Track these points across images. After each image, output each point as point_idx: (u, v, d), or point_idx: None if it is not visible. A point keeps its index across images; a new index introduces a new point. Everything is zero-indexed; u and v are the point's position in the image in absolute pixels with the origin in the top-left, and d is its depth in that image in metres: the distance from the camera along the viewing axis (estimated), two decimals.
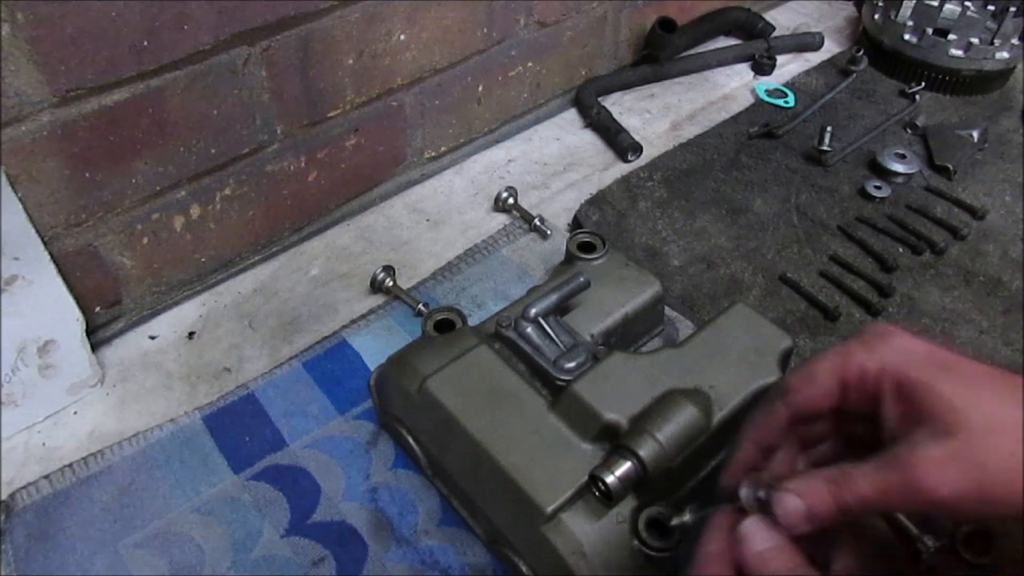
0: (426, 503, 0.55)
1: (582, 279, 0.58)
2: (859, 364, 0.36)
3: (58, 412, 0.61)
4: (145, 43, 0.56)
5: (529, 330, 0.54)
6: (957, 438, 0.33)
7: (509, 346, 0.55)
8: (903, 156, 0.82)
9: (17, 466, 0.58)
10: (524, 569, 0.48)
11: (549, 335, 0.54)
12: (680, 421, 0.47)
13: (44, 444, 0.59)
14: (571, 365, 0.52)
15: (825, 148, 0.83)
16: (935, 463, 0.33)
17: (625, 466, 0.45)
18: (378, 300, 0.70)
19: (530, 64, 0.86)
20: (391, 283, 0.70)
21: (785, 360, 0.54)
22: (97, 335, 0.66)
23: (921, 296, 0.70)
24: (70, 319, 0.60)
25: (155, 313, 0.69)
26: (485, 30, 0.79)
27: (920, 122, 0.89)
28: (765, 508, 0.36)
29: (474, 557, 0.52)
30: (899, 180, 0.82)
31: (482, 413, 0.50)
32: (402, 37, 0.72)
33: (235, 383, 0.63)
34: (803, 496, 0.35)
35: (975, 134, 0.86)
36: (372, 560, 0.52)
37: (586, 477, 0.46)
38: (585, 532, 0.45)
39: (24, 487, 0.55)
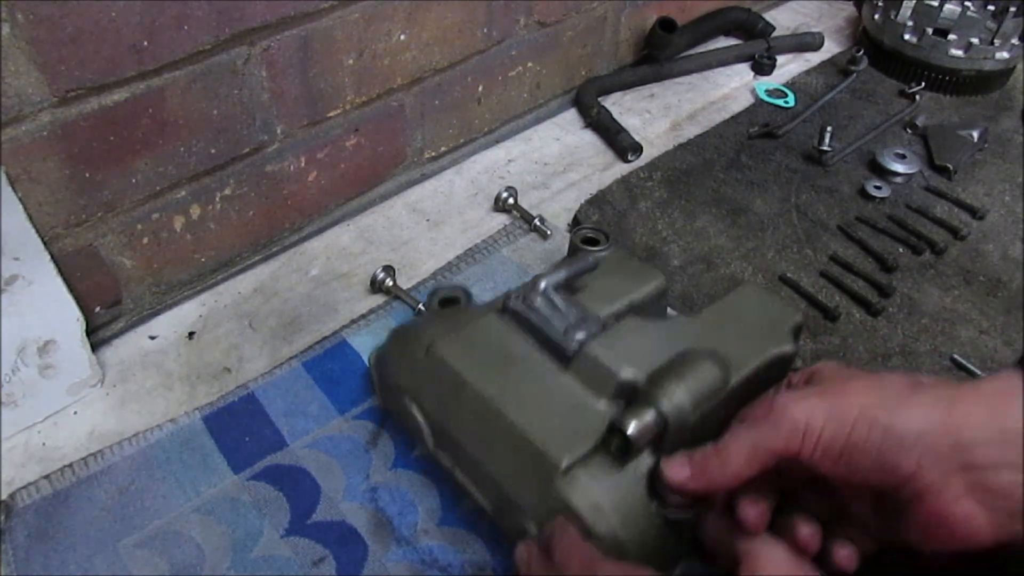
0: (426, 503, 0.55)
1: (591, 260, 0.57)
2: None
3: (58, 412, 0.61)
4: (145, 43, 0.56)
5: (538, 303, 0.54)
6: (821, 387, 0.43)
7: (517, 320, 0.54)
8: (903, 156, 0.82)
9: (17, 466, 0.58)
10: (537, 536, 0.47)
11: (558, 308, 0.54)
12: (700, 376, 0.46)
13: (44, 444, 0.59)
14: (581, 335, 0.51)
15: (825, 148, 0.83)
16: (796, 397, 0.42)
17: (647, 416, 0.44)
18: (378, 300, 0.70)
19: (530, 64, 0.86)
20: (391, 283, 0.70)
21: (796, 334, 0.54)
22: (97, 335, 0.66)
23: (921, 296, 0.70)
24: (70, 319, 0.60)
25: (155, 313, 0.69)
26: (485, 30, 0.79)
27: (920, 122, 0.89)
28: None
29: (474, 556, 0.52)
30: (899, 180, 0.82)
31: (492, 374, 0.50)
32: (402, 37, 0.72)
33: (235, 383, 0.63)
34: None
35: (975, 134, 0.86)
36: (372, 560, 0.52)
37: (602, 435, 0.45)
38: (603, 488, 0.44)
39: (24, 487, 0.55)
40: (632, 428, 0.43)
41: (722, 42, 1.04)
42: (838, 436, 0.41)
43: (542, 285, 0.54)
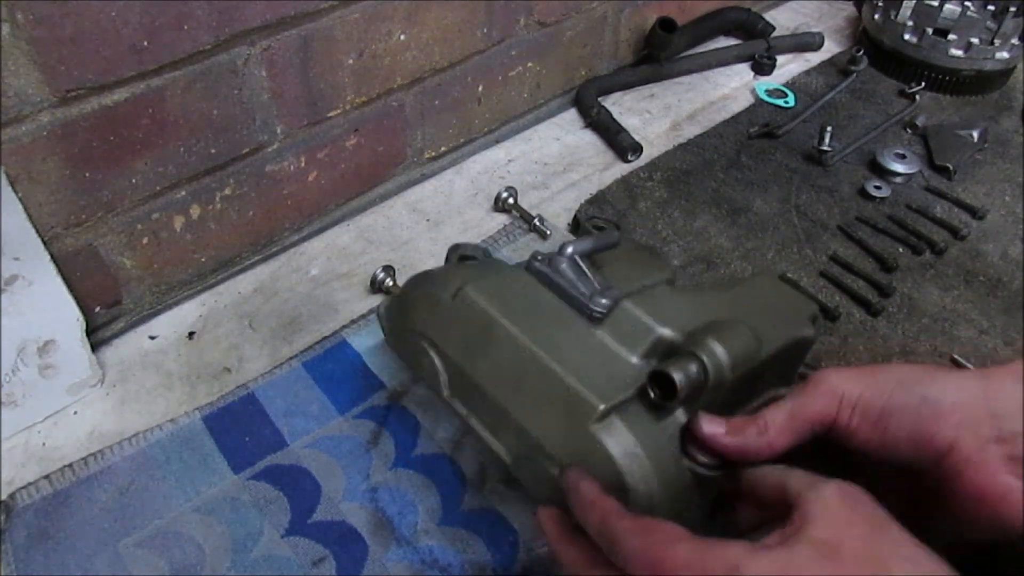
0: (426, 503, 0.55)
1: (615, 234, 0.57)
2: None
3: (58, 412, 0.61)
4: (145, 43, 0.56)
5: (564, 267, 0.54)
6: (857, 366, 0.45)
7: (541, 279, 0.53)
8: (903, 156, 0.82)
9: (17, 466, 0.58)
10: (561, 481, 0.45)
11: (585, 273, 0.53)
12: (738, 339, 0.45)
13: (44, 444, 0.59)
14: (607, 300, 0.50)
15: (825, 148, 0.83)
16: (834, 369, 0.43)
17: (691, 367, 0.43)
18: (378, 300, 0.70)
19: (530, 64, 0.86)
20: (391, 283, 0.70)
21: (814, 322, 0.54)
22: (97, 335, 0.66)
23: (921, 296, 0.70)
24: (70, 319, 0.60)
25: (155, 313, 0.69)
26: (485, 30, 0.79)
27: (920, 122, 0.89)
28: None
29: (474, 556, 0.52)
30: (899, 180, 0.82)
31: (525, 320, 0.49)
32: (402, 37, 0.72)
33: (235, 383, 0.63)
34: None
35: (975, 134, 0.86)
36: (372, 560, 0.52)
37: (640, 385, 0.45)
38: (639, 437, 0.44)
39: (24, 487, 0.55)
40: (678, 376, 0.43)
41: (722, 42, 1.04)
42: (876, 402, 0.41)
43: (569, 250, 0.54)
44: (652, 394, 0.44)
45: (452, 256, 0.58)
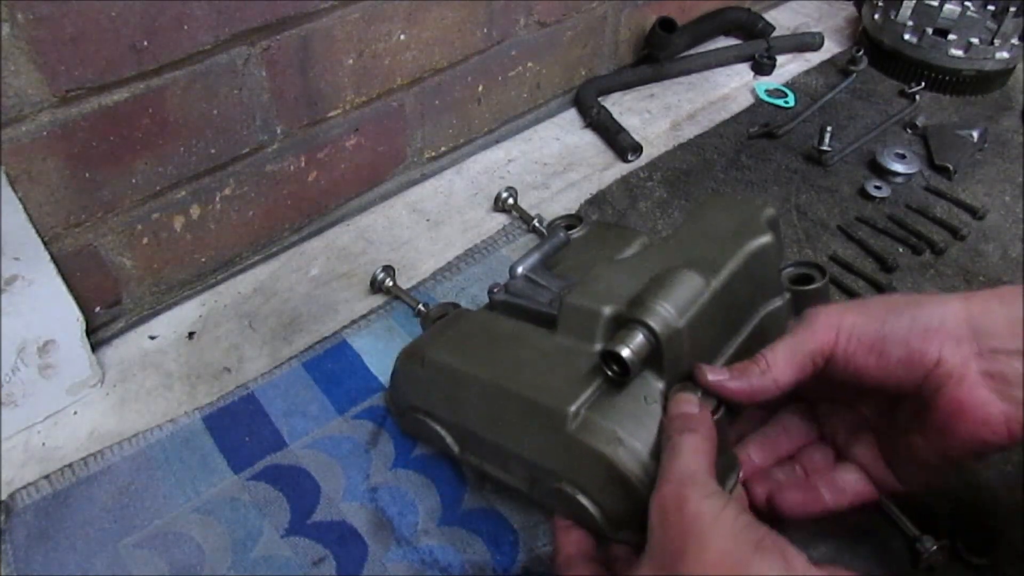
0: (426, 503, 0.55)
1: (562, 235, 0.58)
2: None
3: (58, 412, 0.61)
4: (145, 43, 0.56)
5: (520, 287, 0.54)
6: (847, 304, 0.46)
7: (504, 309, 0.54)
8: (903, 156, 0.82)
9: (17, 466, 0.58)
10: (578, 496, 0.45)
11: (540, 284, 0.54)
12: (677, 284, 0.45)
13: (44, 444, 0.59)
14: (554, 301, 0.51)
15: (825, 148, 0.83)
16: (829, 305, 0.46)
17: (635, 334, 0.43)
18: (378, 300, 0.70)
19: (530, 64, 0.86)
20: (391, 283, 0.70)
21: (772, 225, 0.52)
22: (97, 335, 0.66)
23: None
24: (70, 319, 0.60)
25: (155, 313, 0.69)
26: (485, 30, 0.79)
27: (920, 122, 0.89)
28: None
29: (474, 556, 0.52)
30: (899, 180, 0.82)
31: (487, 358, 0.50)
32: (402, 37, 0.72)
33: (235, 383, 0.63)
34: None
35: (975, 134, 0.86)
36: (372, 560, 0.52)
37: (602, 376, 0.45)
38: (617, 420, 0.44)
39: (24, 487, 0.55)
40: (623, 349, 0.43)
41: (722, 42, 1.04)
42: (871, 328, 0.43)
43: (518, 270, 0.54)
44: (610, 373, 0.44)
45: (426, 324, 0.59)
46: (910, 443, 0.45)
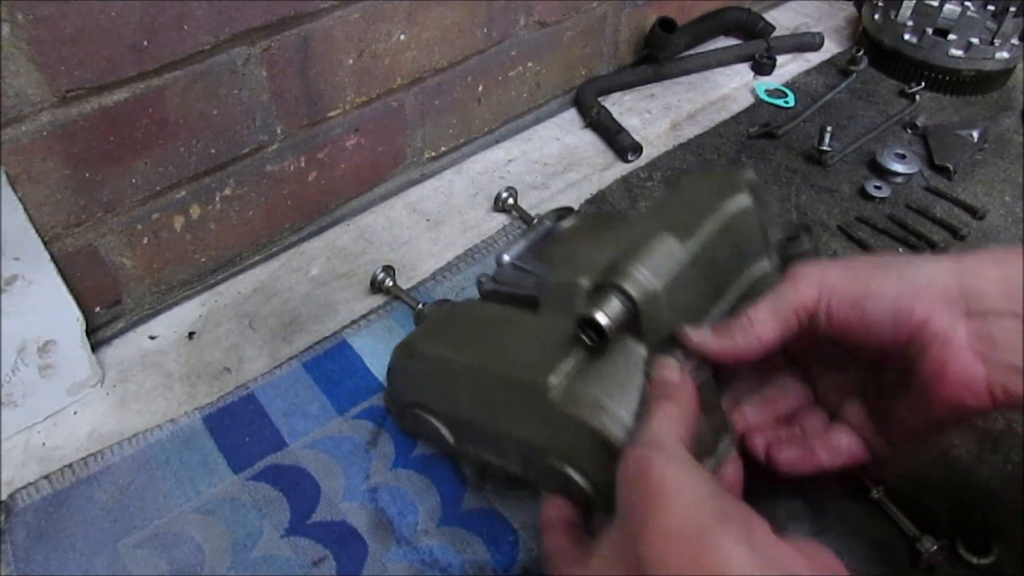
0: (426, 503, 0.55)
1: (548, 223, 0.57)
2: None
3: (58, 412, 0.61)
4: (145, 43, 0.56)
5: (507, 275, 0.54)
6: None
7: (493, 298, 0.54)
8: (903, 156, 0.82)
9: (17, 466, 0.58)
10: (567, 469, 0.45)
11: (526, 271, 0.54)
12: (652, 246, 0.44)
13: (44, 444, 0.59)
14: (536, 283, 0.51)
15: (825, 148, 0.83)
16: (813, 263, 0.45)
17: (610, 298, 0.43)
18: (378, 300, 0.70)
19: (530, 64, 0.86)
20: (391, 283, 0.70)
21: (753, 188, 0.51)
22: (97, 335, 0.66)
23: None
24: (70, 319, 0.60)
25: (155, 313, 0.69)
26: (485, 30, 0.79)
27: (920, 122, 0.89)
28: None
29: (474, 556, 0.52)
30: (899, 180, 0.82)
31: (472, 344, 0.50)
32: (402, 37, 0.72)
33: (235, 383, 0.63)
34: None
35: (975, 134, 0.86)
36: (372, 560, 0.52)
37: (582, 345, 0.44)
38: (599, 387, 0.43)
39: (24, 487, 0.55)
40: (598, 314, 0.42)
41: (722, 42, 1.04)
42: (855, 285, 0.42)
43: (505, 258, 0.54)
44: (588, 341, 0.44)
45: (419, 322, 0.60)
46: (894, 406, 0.44)
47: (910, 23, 0.95)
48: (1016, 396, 0.40)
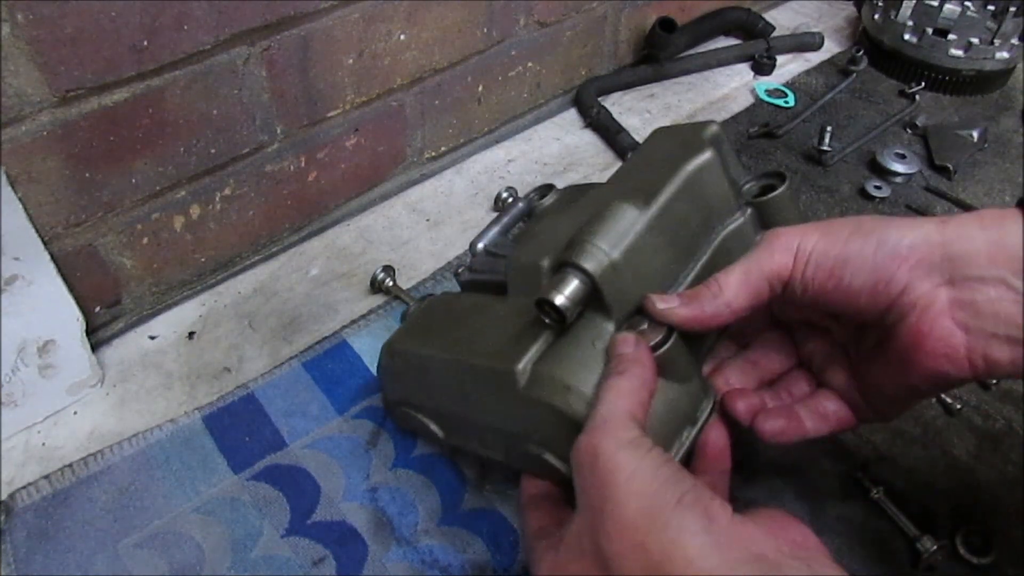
0: (426, 503, 0.55)
1: (521, 205, 0.57)
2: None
3: (58, 412, 0.61)
4: (145, 43, 0.56)
5: (481, 261, 0.54)
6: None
7: (471, 287, 0.54)
8: (903, 156, 0.82)
9: (17, 466, 0.58)
10: (544, 455, 0.44)
11: (500, 256, 0.53)
12: (608, 217, 0.43)
13: (44, 444, 0.59)
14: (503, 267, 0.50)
15: (825, 148, 0.83)
16: (790, 227, 0.43)
17: (566, 278, 0.41)
18: (378, 300, 0.70)
19: (530, 64, 0.86)
20: (391, 283, 0.70)
21: (716, 142, 0.48)
22: (97, 335, 0.66)
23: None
24: (70, 319, 0.60)
25: (155, 313, 0.69)
26: (485, 30, 0.79)
27: (920, 122, 0.89)
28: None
29: (474, 556, 0.52)
30: (899, 180, 0.82)
31: (447, 336, 0.50)
32: (402, 37, 0.72)
33: (235, 383, 0.63)
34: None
35: (975, 134, 0.86)
36: (372, 560, 0.52)
37: (546, 327, 0.43)
38: (566, 368, 0.42)
39: (24, 487, 0.55)
40: (552, 293, 0.41)
41: (722, 42, 1.04)
42: (832, 249, 0.41)
43: (479, 246, 0.54)
44: (549, 322, 0.43)
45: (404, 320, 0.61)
46: (874, 372, 0.43)
47: (910, 23, 0.95)
48: (997, 365, 0.38)
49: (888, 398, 0.44)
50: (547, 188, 0.62)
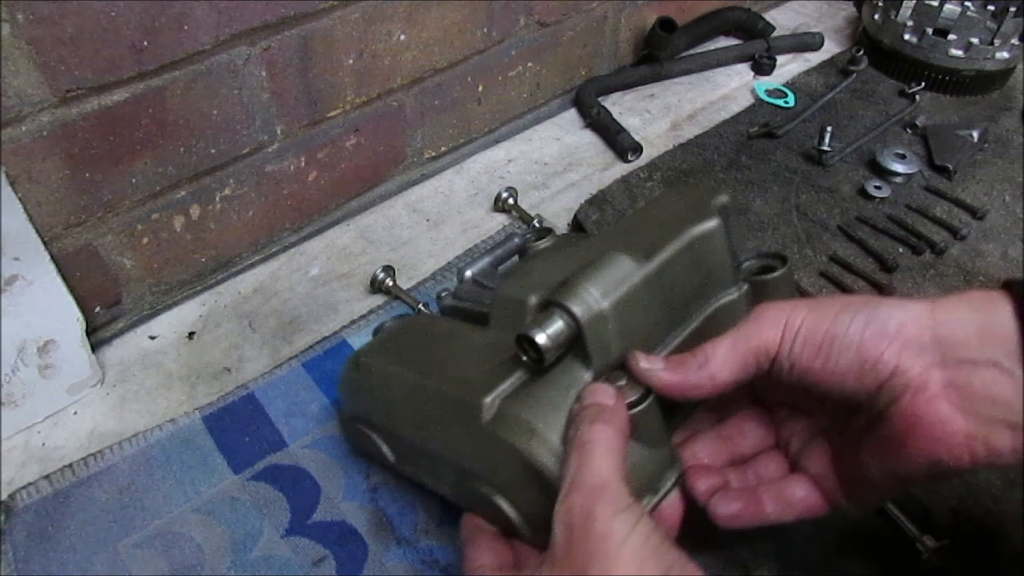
0: (426, 503, 0.55)
1: (516, 240, 0.56)
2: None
3: (58, 412, 0.61)
4: (145, 43, 0.56)
5: (466, 290, 0.53)
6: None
7: (452, 313, 0.53)
8: (903, 156, 0.82)
9: (17, 466, 0.58)
10: (495, 497, 0.42)
11: (487, 287, 0.53)
12: (605, 267, 0.42)
13: (44, 444, 0.59)
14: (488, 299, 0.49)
15: (825, 148, 0.83)
16: (778, 302, 0.42)
17: (551, 319, 0.40)
18: (378, 300, 0.70)
19: (530, 64, 0.86)
20: (391, 283, 0.70)
21: (724, 213, 0.48)
22: (97, 335, 0.66)
23: (921, 296, 0.70)
24: (70, 319, 0.60)
25: (155, 313, 0.69)
26: (485, 30, 0.79)
27: (920, 122, 0.89)
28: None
29: None
30: (899, 180, 0.82)
31: (417, 358, 0.49)
32: (402, 37, 0.72)
33: (235, 383, 0.63)
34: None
35: (975, 134, 0.86)
36: (372, 560, 0.52)
37: (522, 365, 0.42)
38: (533, 411, 0.41)
39: (24, 487, 0.55)
40: (536, 331, 0.40)
41: (722, 42, 1.04)
42: (820, 327, 0.40)
43: (467, 274, 0.53)
44: (527, 360, 0.41)
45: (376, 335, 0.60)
46: (860, 458, 0.41)
47: (910, 23, 0.95)
48: (999, 453, 0.37)
49: (873, 486, 0.42)
50: (545, 231, 0.62)
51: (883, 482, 0.41)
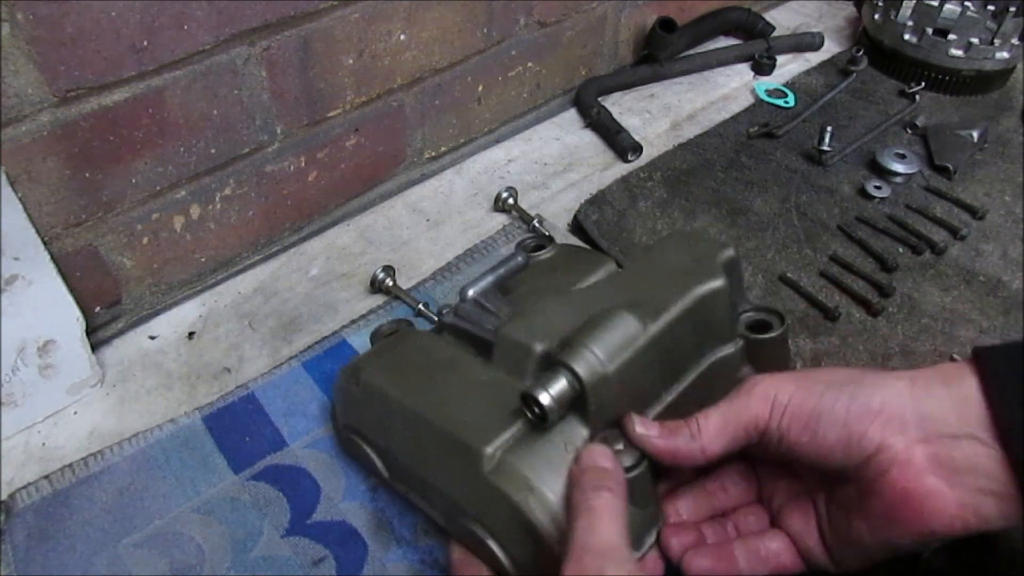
0: None
1: (519, 259, 0.56)
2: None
3: (58, 412, 0.61)
4: (145, 43, 0.56)
5: (468, 310, 0.53)
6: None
7: (453, 332, 0.53)
8: (903, 156, 0.82)
9: (17, 466, 0.58)
10: (488, 540, 0.44)
11: (489, 310, 0.53)
12: (611, 327, 0.43)
13: (44, 444, 0.59)
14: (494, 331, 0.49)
15: (825, 148, 0.83)
16: (767, 375, 0.44)
17: (558, 377, 0.41)
18: (378, 300, 0.70)
19: (530, 64, 0.86)
20: (391, 283, 0.70)
21: (729, 268, 0.49)
22: (97, 335, 0.66)
23: (921, 296, 0.70)
24: (70, 319, 0.60)
25: (155, 313, 0.69)
26: (485, 30, 0.79)
27: (920, 122, 0.89)
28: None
29: None
30: (899, 180, 0.82)
31: (419, 385, 0.49)
32: (402, 37, 0.72)
33: (235, 383, 0.63)
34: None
35: (975, 134, 0.86)
36: (372, 560, 0.52)
37: (520, 412, 0.43)
38: (533, 467, 0.42)
39: (24, 487, 0.55)
40: (541, 394, 0.41)
41: (722, 42, 1.04)
42: (807, 403, 0.41)
43: (469, 293, 0.53)
44: (530, 416, 0.42)
45: (375, 340, 0.59)
46: (850, 525, 0.43)
47: (910, 23, 0.95)
48: (988, 519, 0.38)
49: (864, 551, 0.43)
50: (546, 240, 0.62)
51: (875, 548, 0.42)
